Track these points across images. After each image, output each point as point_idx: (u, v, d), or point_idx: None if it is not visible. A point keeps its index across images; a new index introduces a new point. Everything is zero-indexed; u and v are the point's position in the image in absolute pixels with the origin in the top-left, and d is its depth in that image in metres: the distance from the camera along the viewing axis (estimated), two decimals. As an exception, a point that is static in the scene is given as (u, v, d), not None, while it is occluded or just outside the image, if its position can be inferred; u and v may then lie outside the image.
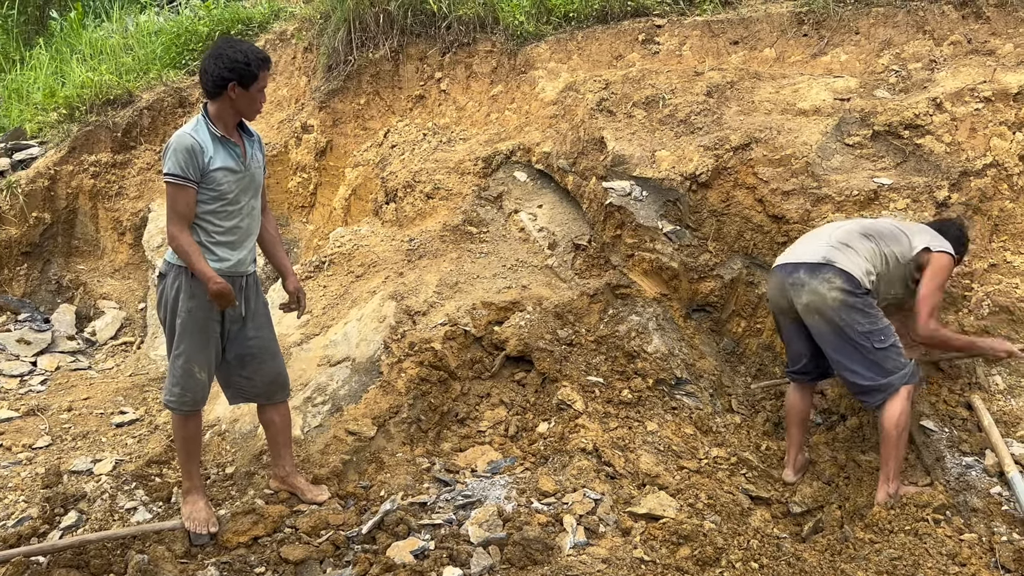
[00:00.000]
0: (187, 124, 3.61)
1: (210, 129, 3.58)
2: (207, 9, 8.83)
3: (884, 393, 3.94)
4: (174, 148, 3.51)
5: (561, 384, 4.68)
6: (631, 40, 6.45)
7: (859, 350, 3.96)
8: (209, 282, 3.52)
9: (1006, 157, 4.91)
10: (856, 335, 3.95)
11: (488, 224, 5.78)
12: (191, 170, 3.50)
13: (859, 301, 3.96)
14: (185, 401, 3.73)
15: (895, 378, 3.93)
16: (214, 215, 3.62)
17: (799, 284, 4.08)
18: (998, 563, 3.51)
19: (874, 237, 4.15)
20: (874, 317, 3.98)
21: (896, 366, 3.95)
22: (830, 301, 3.97)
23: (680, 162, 5.18)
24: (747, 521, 3.87)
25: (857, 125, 5.11)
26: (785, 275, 4.17)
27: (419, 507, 3.85)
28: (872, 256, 4.08)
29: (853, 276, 3.97)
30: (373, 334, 4.82)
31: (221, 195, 3.60)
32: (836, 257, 4.04)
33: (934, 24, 5.77)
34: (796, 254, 4.23)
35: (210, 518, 3.76)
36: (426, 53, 7.06)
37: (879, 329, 3.96)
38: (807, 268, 4.08)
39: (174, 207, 3.54)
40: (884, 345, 3.95)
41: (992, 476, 3.99)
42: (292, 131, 7.48)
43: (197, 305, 3.63)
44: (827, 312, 3.99)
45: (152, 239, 7.39)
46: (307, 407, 4.49)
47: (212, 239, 3.63)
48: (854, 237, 4.14)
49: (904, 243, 4.16)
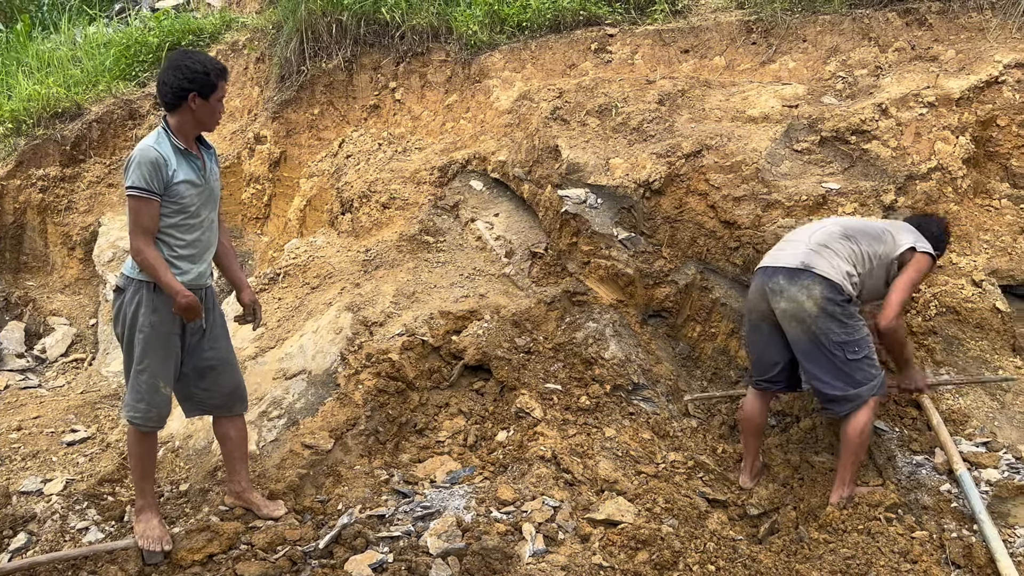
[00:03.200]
0: (148, 137, 3.58)
1: (172, 142, 3.56)
2: (157, 20, 8.71)
3: (852, 403, 3.92)
4: (138, 161, 3.47)
5: (519, 392, 4.69)
6: (584, 49, 6.50)
7: (831, 359, 3.93)
8: (177, 295, 3.51)
9: (950, 161, 5.04)
10: (830, 344, 3.92)
11: (445, 233, 5.78)
12: (155, 183, 3.47)
13: (838, 310, 3.92)
14: (150, 417, 3.68)
15: (864, 390, 3.92)
16: (176, 228, 3.60)
17: (778, 290, 4.04)
18: (948, 559, 3.58)
19: (855, 237, 4.12)
20: (851, 327, 3.94)
21: (866, 377, 3.93)
22: (808, 308, 3.93)
23: (634, 169, 5.23)
24: (704, 524, 3.91)
25: (805, 131, 5.21)
26: (765, 279, 4.12)
27: (377, 520, 3.83)
28: (853, 257, 4.05)
29: (834, 282, 3.93)
30: (329, 346, 4.78)
31: (183, 208, 3.58)
32: (815, 262, 3.99)
33: (879, 31, 5.90)
34: (776, 257, 4.18)
35: (164, 536, 3.70)
36: (380, 63, 7.04)
37: (854, 340, 3.93)
38: (786, 273, 4.03)
39: (138, 221, 3.50)
40: (857, 356, 3.92)
41: (941, 474, 4.07)
42: (245, 142, 7.41)
43: (160, 320, 3.60)
44: (804, 320, 3.95)
45: (103, 253, 7.25)
46: (263, 421, 4.44)
47: (175, 253, 3.60)
48: (834, 238, 4.10)
49: (889, 242, 4.13)
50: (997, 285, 4.80)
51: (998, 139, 5.24)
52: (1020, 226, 5.07)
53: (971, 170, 5.13)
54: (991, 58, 5.35)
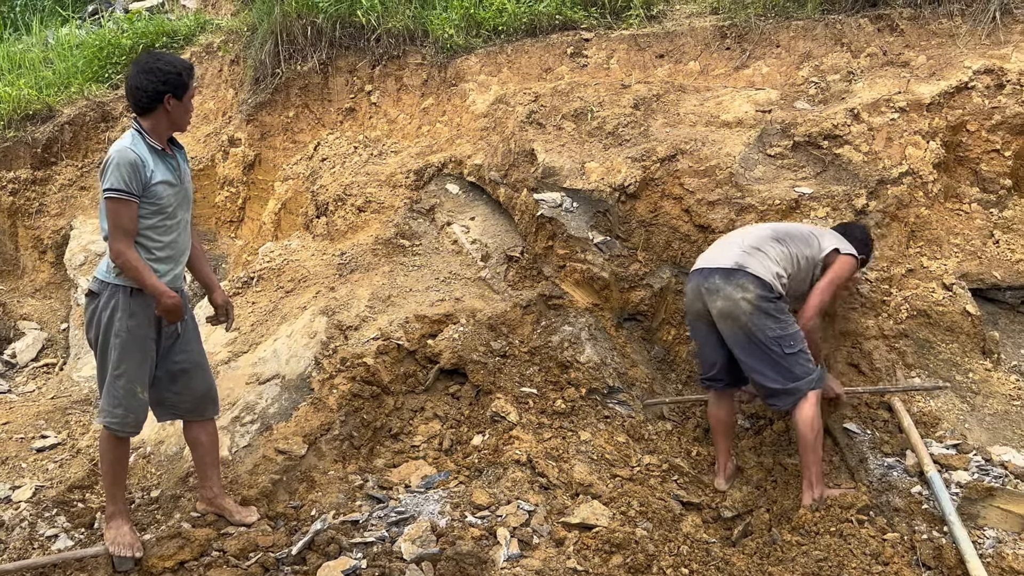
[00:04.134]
0: (123, 138, 3.55)
1: (148, 142, 3.54)
2: (130, 22, 8.64)
3: (793, 397, 4.04)
4: (116, 162, 3.44)
5: (495, 396, 4.68)
6: (560, 53, 6.52)
7: (769, 354, 4.05)
8: (162, 296, 3.51)
9: (921, 165, 5.09)
10: (767, 339, 4.04)
11: (420, 237, 5.77)
12: (134, 184, 3.45)
13: (771, 306, 4.05)
14: (128, 422, 3.66)
15: (803, 383, 4.03)
16: (154, 230, 3.58)
17: (714, 290, 4.15)
18: (919, 561, 3.61)
19: (785, 240, 4.28)
20: (784, 323, 4.07)
21: (804, 371, 4.05)
22: (743, 306, 4.05)
23: (609, 174, 5.24)
24: (678, 527, 3.92)
25: (778, 136, 5.25)
26: (701, 280, 4.24)
27: (351, 525, 3.81)
28: (783, 259, 4.19)
29: (765, 281, 4.06)
30: (304, 350, 4.76)
31: (161, 209, 3.56)
32: (748, 262, 4.13)
33: (851, 37, 5.96)
34: (710, 259, 4.31)
35: (135, 543, 3.67)
36: (356, 66, 7.02)
37: (788, 335, 4.06)
38: (721, 273, 4.16)
39: (118, 223, 3.47)
40: (793, 350, 4.05)
41: (912, 476, 4.12)
42: (219, 144, 7.35)
43: (137, 324, 3.58)
44: (740, 317, 4.07)
45: (74, 257, 7.17)
46: (235, 427, 4.41)
47: (152, 255, 3.58)
48: (765, 241, 4.25)
49: (814, 246, 4.30)
50: (967, 289, 4.86)
51: (968, 144, 5.30)
52: (990, 230, 5.14)
53: (941, 174, 5.19)
54: (961, 64, 5.41)
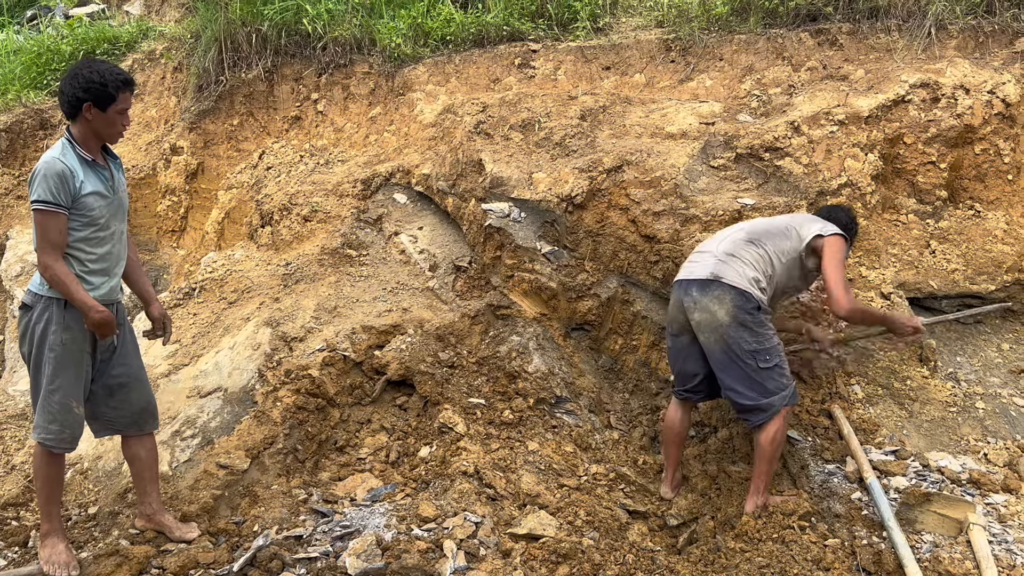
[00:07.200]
0: (53, 148, 3.47)
1: (78, 152, 3.46)
2: (71, 28, 8.45)
3: (766, 413, 3.99)
4: (44, 173, 3.35)
5: (443, 407, 4.66)
6: (508, 64, 6.54)
7: (744, 369, 4.00)
8: (91, 311, 3.42)
9: (859, 177, 5.21)
10: (742, 353, 3.99)
11: (368, 247, 5.72)
12: (63, 196, 3.37)
13: (748, 318, 3.99)
14: (64, 438, 3.57)
15: (776, 399, 3.99)
16: (86, 242, 3.49)
17: (692, 302, 4.10)
18: (859, 566, 3.67)
19: (760, 240, 4.20)
20: (761, 336, 4.01)
21: (778, 387, 4.01)
22: (720, 318, 4.00)
23: (556, 184, 5.26)
24: (625, 536, 3.94)
25: (721, 148, 5.33)
26: (681, 292, 4.19)
27: (294, 540, 3.74)
28: (759, 262, 4.13)
29: (742, 290, 4.00)
30: (247, 362, 4.67)
31: (93, 221, 3.48)
32: (723, 272, 4.07)
33: (792, 51, 6.08)
34: (690, 271, 4.24)
35: (71, 561, 3.57)
36: (302, 74, 6.95)
37: (765, 349, 4.01)
38: (698, 286, 4.11)
39: (46, 236, 3.38)
40: (768, 365, 4.00)
41: (853, 482, 4.19)
42: (161, 152, 7.22)
43: (72, 337, 3.50)
44: (717, 329, 4.02)
45: (11, 268, 6.97)
46: (175, 441, 4.31)
47: (85, 267, 3.50)
48: (739, 246, 4.18)
49: (793, 236, 4.23)
50: (905, 297, 4.98)
51: (905, 156, 5.43)
52: (926, 240, 5.27)
53: (879, 186, 5.31)
54: (898, 78, 5.55)
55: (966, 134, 5.38)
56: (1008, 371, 4.90)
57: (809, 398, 4.59)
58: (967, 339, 5.10)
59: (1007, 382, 4.84)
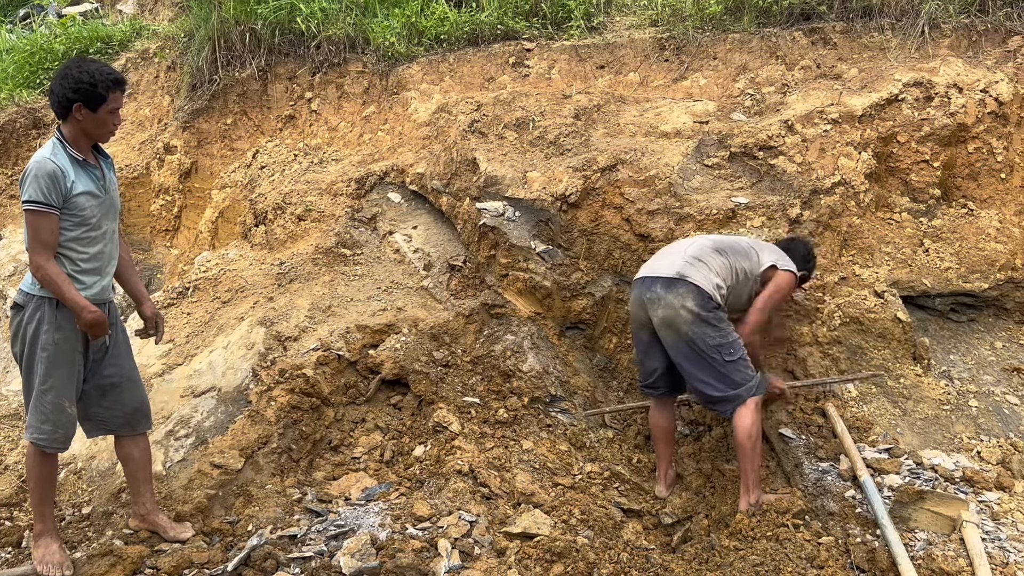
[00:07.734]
0: (43, 148, 3.45)
1: (69, 152, 3.44)
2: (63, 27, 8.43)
3: (733, 403, 4.11)
4: (35, 174, 3.34)
5: (437, 406, 4.66)
6: (502, 63, 6.53)
7: (710, 363, 4.11)
8: (82, 312, 3.41)
9: (853, 176, 5.22)
10: (707, 348, 4.10)
11: (362, 246, 5.72)
12: (54, 196, 3.36)
13: (710, 316, 4.11)
14: (56, 438, 3.55)
15: (743, 390, 4.10)
16: (77, 242, 3.49)
17: (656, 299, 4.20)
18: (853, 564, 3.68)
19: (727, 252, 4.34)
20: (723, 331, 4.14)
21: (744, 378, 4.12)
22: (683, 315, 4.11)
23: (551, 183, 5.26)
24: (619, 534, 3.94)
25: (715, 147, 5.33)
26: (644, 289, 4.29)
27: (289, 540, 3.74)
28: (723, 270, 4.26)
29: (704, 291, 4.12)
30: (241, 362, 4.67)
31: (84, 220, 3.47)
32: (689, 272, 4.18)
33: (786, 50, 6.09)
34: (653, 268, 4.36)
35: (64, 561, 3.56)
36: (295, 73, 6.94)
37: (728, 343, 4.12)
38: (663, 283, 4.21)
39: (37, 236, 3.38)
40: (733, 358, 4.12)
41: (846, 480, 4.21)
42: (154, 152, 7.20)
43: (64, 337, 3.48)
44: (680, 326, 4.13)
45: (3, 267, 6.96)
46: (169, 441, 4.30)
47: (77, 267, 3.49)
48: (707, 252, 4.31)
49: (753, 259, 4.37)
50: (898, 296, 5.00)
51: (898, 155, 5.44)
52: (919, 239, 5.28)
53: (873, 185, 5.32)
54: (891, 76, 5.56)
55: (959, 133, 5.39)
56: (1001, 369, 4.92)
57: (803, 396, 4.60)
58: (960, 337, 5.12)
59: (1000, 380, 4.86)
